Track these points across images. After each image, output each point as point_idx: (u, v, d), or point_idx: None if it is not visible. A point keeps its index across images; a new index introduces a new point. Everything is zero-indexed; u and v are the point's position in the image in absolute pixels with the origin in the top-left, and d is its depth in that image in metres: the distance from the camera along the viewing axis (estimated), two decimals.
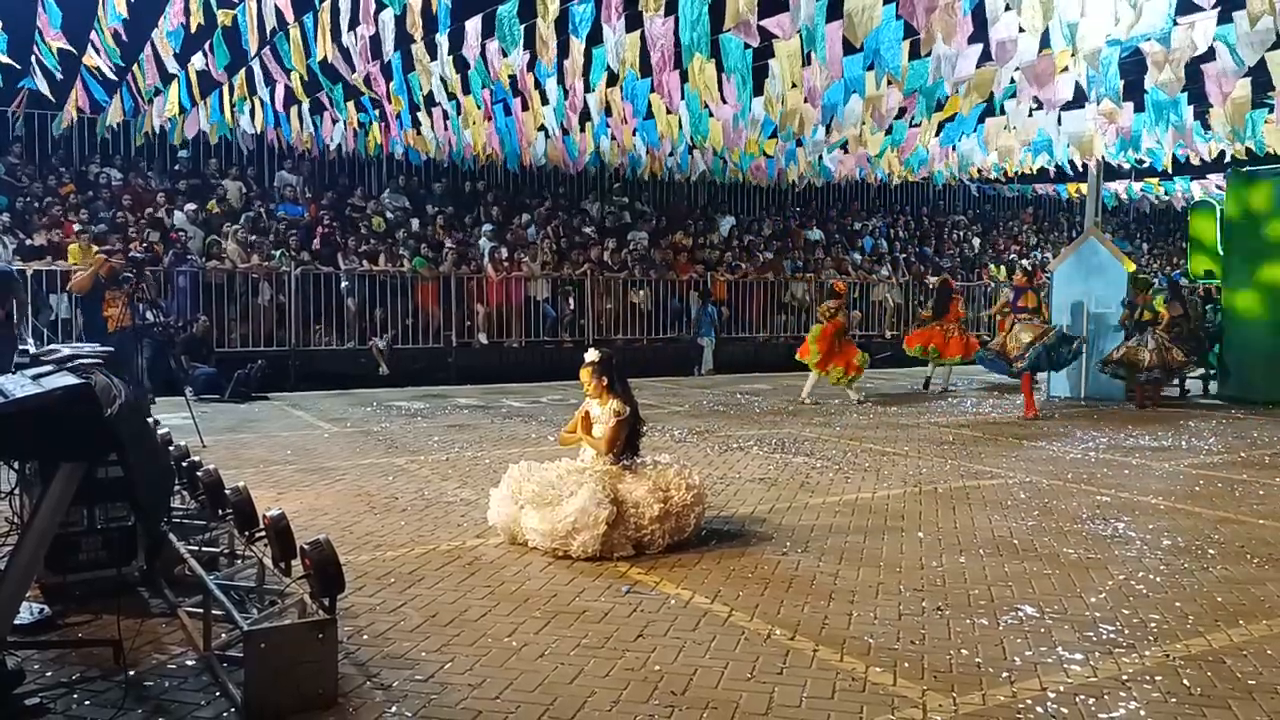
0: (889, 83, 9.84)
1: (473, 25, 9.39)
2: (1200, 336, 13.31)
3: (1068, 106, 10.94)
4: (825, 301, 12.90)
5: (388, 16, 9.23)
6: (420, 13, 9.00)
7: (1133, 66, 9.66)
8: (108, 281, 8.88)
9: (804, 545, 5.44)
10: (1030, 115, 11.41)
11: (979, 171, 16.85)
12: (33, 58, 11.61)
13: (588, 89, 10.73)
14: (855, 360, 12.15)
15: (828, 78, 9.41)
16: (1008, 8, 8.09)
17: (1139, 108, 11.34)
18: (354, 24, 9.42)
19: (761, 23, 8.03)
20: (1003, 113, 11.41)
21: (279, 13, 9.43)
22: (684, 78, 9.86)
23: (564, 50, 9.40)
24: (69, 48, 11.07)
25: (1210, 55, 8.61)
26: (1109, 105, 10.24)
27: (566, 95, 11.06)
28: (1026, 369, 11.25)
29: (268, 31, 9.91)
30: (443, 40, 9.72)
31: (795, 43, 8.87)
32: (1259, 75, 8.65)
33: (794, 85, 9.92)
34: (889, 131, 12.79)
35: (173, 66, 11.25)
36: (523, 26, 9.00)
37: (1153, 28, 8.38)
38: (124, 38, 10.68)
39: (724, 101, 10.60)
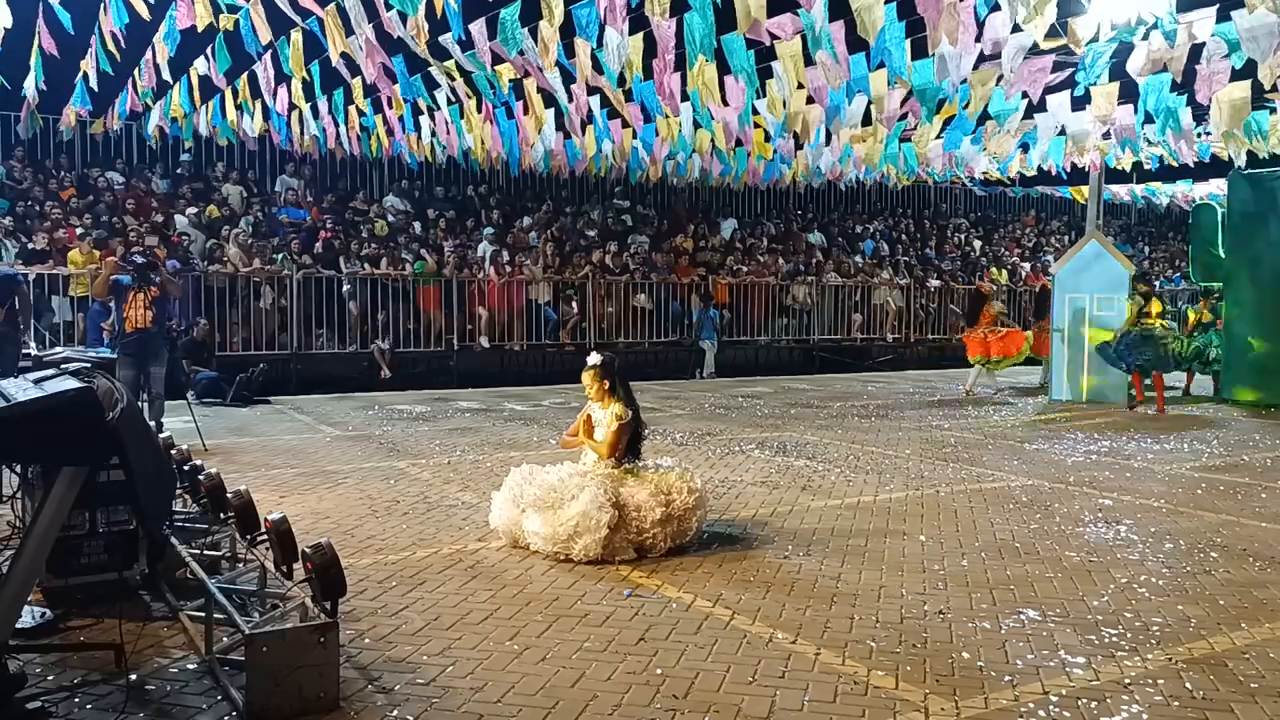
0: (897, 82, 9.82)
1: (477, 28, 9.39)
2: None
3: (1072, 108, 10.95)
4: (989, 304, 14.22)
5: (394, 18, 9.21)
6: (425, 15, 8.98)
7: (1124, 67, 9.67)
8: (137, 281, 8.74)
9: (806, 548, 5.44)
10: (1030, 116, 11.39)
11: (985, 174, 16.82)
12: (31, 63, 11.62)
13: (591, 92, 10.73)
14: (1012, 350, 13.73)
15: (839, 77, 9.38)
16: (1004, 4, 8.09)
17: (1137, 108, 11.34)
18: (372, 17, 9.39)
19: (764, 24, 8.03)
20: (991, 119, 11.39)
21: (298, 7, 9.35)
22: (684, 80, 9.86)
23: (568, 51, 9.39)
24: (55, 54, 11.07)
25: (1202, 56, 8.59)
26: (1101, 100, 10.23)
27: (571, 99, 11.07)
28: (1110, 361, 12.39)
29: (294, 30, 9.88)
30: (449, 43, 9.71)
31: (797, 43, 8.87)
32: (1256, 76, 8.64)
33: (800, 86, 9.91)
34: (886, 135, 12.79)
35: (167, 74, 11.25)
36: (525, 29, 8.99)
37: (1153, 16, 8.36)
38: (122, 44, 10.66)
39: (725, 104, 10.59)
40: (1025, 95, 10.01)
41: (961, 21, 8.08)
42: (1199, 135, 13.06)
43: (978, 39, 8.56)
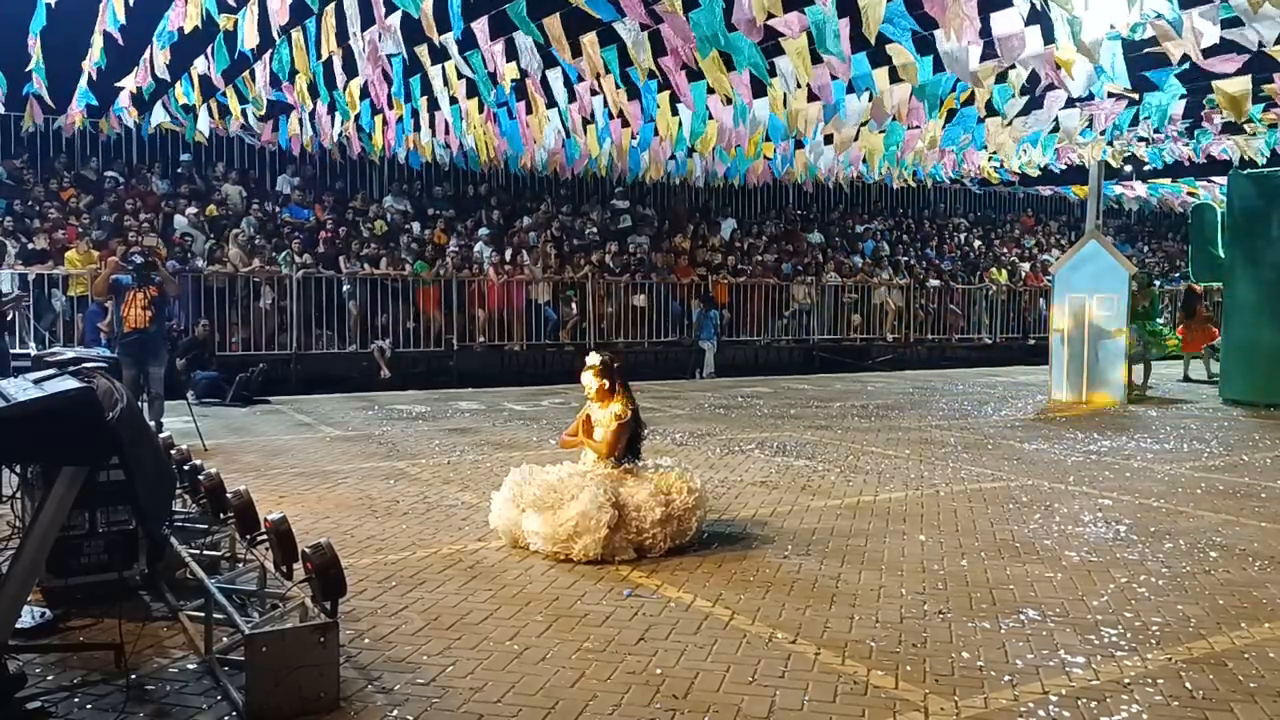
0: (900, 79, 9.80)
1: (480, 26, 9.36)
2: None
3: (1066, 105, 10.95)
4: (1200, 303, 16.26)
5: (395, 19, 9.18)
6: (432, 15, 8.94)
7: (1130, 63, 9.65)
8: (137, 281, 8.75)
9: (805, 548, 5.44)
10: (1027, 113, 11.38)
11: (986, 170, 16.81)
12: (30, 64, 11.61)
13: (595, 91, 10.72)
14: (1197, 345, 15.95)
15: (844, 72, 9.34)
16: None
17: (1133, 103, 11.36)
18: (367, 24, 9.36)
19: (768, 22, 8.01)
20: (997, 113, 11.38)
21: (299, 4, 9.31)
22: (690, 77, 9.83)
23: (574, 49, 9.36)
24: (34, 55, 11.06)
25: (1214, 50, 8.57)
26: (1110, 101, 10.22)
27: (572, 98, 11.04)
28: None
29: (285, 29, 9.86)
30: (450, 42, 9.68)
31: (804, 40, 8.84)
32: (1257, 71, 8.63)
33: (807, 84, 9.89)
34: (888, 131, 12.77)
35: (162, 72, 11.24)
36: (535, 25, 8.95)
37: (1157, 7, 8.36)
38: (120, 42, 10.65)
39: (727, 103, 10.58)
40: (1026, 92, 10.02)
41: (968, 16, 8.05)
42: (1198, 133, 13.05)
43: (984, 33, 8.56)
